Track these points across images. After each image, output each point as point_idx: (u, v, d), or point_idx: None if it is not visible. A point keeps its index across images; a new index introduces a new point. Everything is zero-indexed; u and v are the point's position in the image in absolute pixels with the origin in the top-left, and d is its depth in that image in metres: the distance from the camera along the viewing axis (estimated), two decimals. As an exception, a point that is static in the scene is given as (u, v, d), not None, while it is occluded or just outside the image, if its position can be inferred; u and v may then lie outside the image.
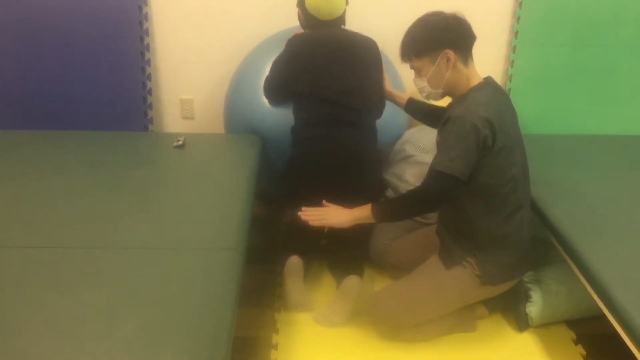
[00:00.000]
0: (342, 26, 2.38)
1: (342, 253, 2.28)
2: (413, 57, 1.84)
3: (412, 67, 1.87)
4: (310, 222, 1.90)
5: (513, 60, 2.98)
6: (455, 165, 1.70)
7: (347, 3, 2.35)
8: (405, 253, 2.21)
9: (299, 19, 2.38)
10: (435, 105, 2.11)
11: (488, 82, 1.84)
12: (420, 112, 2.20)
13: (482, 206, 1.82)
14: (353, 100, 2.22)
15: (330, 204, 1.94)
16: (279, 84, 2.34)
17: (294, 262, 2.14)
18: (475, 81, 1.83)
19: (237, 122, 2.64)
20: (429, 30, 1.79)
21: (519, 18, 2.91)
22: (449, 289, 1.92)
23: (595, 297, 1.72)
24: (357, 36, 2.35)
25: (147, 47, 2.90)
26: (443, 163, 1.72)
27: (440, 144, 1.77)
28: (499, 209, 1.83)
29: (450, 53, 1.77)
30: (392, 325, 1.98)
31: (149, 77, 2.95)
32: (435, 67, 1.80)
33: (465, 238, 1.89)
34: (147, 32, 2.87)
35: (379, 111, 2.33)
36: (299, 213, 1.92)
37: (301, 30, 2.43)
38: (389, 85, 2.31)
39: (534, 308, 2.06)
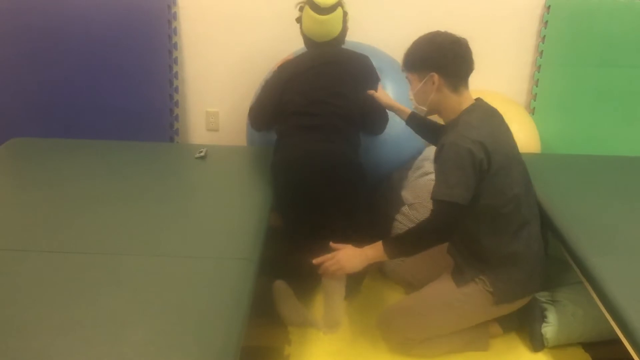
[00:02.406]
0: (341, 46, 2.41)
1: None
2: (406, 70, 1.89)
3: (407, 77, 1.92)
4: (327, 275, 1.88)
5: (538, 79, 2.97)
6: (455, 192, 1.70)
7: (345, 21, 2.36)
8: (419, 270, 2.20)
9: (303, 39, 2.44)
10: (435, 123, 2.12)
11: (478, 104, 1.85)
12: (420, 127, 2.20)
13: (487, 227, 1.83)
14: (327, 108, 2.23)
15: (341, 245, 1.89)
16: (264, 103, 2.37)
17: (280, 286, 2.14)
18: (466, 105, 1.84)
19: (260, 134, 2.68)
20: (421, 50, 1.84)
21: (544, 37, 2.91)
22: (459, 306, 1.91)
23: (610, 320, 1.70)
24: (346, 52, 2.35)
25: (175, 61, 2.98)
26: (443, 191, 1.72)
27: (437, 172, 1.78)
28: (504, 228, 1.83)
29: (436, 77, 1.79)
30: (401, 340, 1.98)
31: (176, 89, 3.02)
32: (421, 86, 1.84)
33: (475, 258, 1.89)
34: (175, 46, 2.95)
35: (373, 125, 2.35)
36: (317, 270, 1.88)
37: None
38: (386, 97, 2.28)
39: (550, 329, 2.04)
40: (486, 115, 1.83)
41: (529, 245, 1.88)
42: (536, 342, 2.05)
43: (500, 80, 3.00)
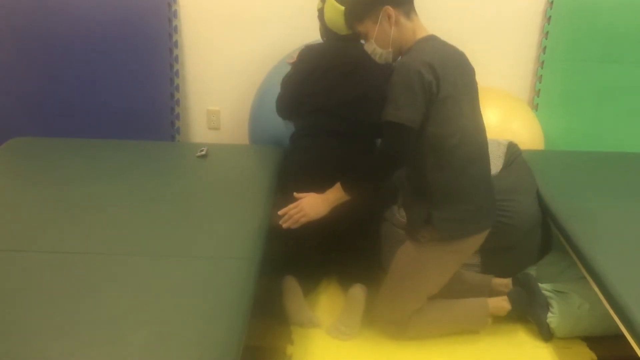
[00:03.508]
0: (362, 41, 2.38)
1: (349, 262, 2.25)
2: (356, 24, 1.87)
3: (359, 34, 1.90)
4: (293, 227, 1.92)
5: (541, 76, 2.96)
6: (403, 113, 1.71)
7: None
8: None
9: (320, 31, 2.40)
10: None
11: (433, 37, 1.85)
12: None
13: (433, 159, 1.81)
14: (349, 112, 2.21)
15: (303, 195, 1.94)
16: (287, 98, 2.34)
17: (290, 282, 2.12)
18: (421, 35, 1.84)
19: (262, 133, 2.68)
20: None
21: (547, 33, 2.89)
22: (419, 266, 1.93)
23: (614, 316, 1.69)
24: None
25: (176, 59, 2.97)
26: (392, 113, 1.72)
27: (388, 94, 1.77)
28: (450, 162, 1.81)
29: (390, 9, 1.79)
30: (395, 325, 1.99)
31: (177, 88, 3.01)
32: (378, 27, 1.82)
33: (421, 197, 1.86)
34: (176, 44, 2.94)
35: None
36: (280, 222, 1.93)
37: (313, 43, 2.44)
38: None
39: (554, 319, 2.03)
40: (442, 45, 1.84)
41: (476, 183, 1.87)
42: (544, 332, 2.05)
43: (503, 77, 2.99)
